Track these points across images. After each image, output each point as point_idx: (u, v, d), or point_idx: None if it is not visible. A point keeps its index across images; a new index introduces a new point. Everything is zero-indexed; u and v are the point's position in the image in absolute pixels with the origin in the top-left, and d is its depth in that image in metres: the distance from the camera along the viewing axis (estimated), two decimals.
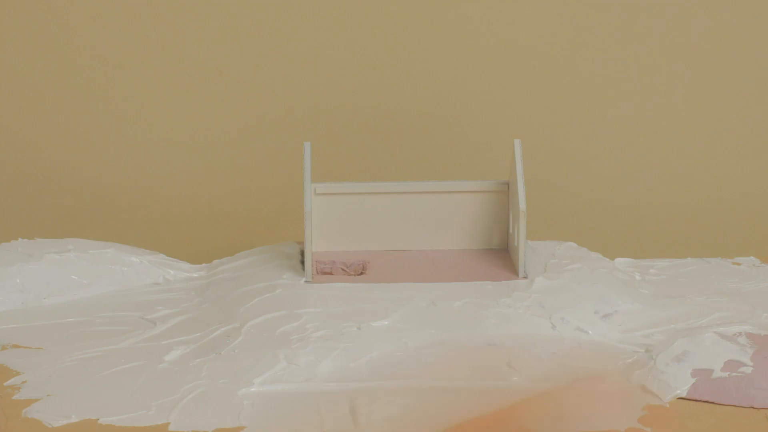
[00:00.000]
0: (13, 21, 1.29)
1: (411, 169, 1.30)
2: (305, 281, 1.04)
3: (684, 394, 0.88)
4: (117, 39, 1.29)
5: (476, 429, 0.84)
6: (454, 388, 0.89)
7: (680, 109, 1.32)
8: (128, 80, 1.30)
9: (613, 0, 1.29)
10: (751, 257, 1.16)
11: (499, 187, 1.11)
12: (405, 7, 1.28)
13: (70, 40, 1.29)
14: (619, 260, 1.14)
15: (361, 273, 1.08)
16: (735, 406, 0.87)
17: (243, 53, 1.29)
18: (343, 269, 1.09)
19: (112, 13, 1.28)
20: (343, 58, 1.29)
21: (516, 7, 1.29)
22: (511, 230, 1.09)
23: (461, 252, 1.11)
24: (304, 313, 0.98)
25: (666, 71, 1.31)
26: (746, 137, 1.33)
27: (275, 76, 1.30)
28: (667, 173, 1.34)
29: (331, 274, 1.08)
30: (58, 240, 1.11)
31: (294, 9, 1.28)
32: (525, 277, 1.05)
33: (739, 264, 1.14)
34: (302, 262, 1.08)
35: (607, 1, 1.29)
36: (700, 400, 0.87)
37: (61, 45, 1.29)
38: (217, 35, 1.29)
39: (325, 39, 1.29)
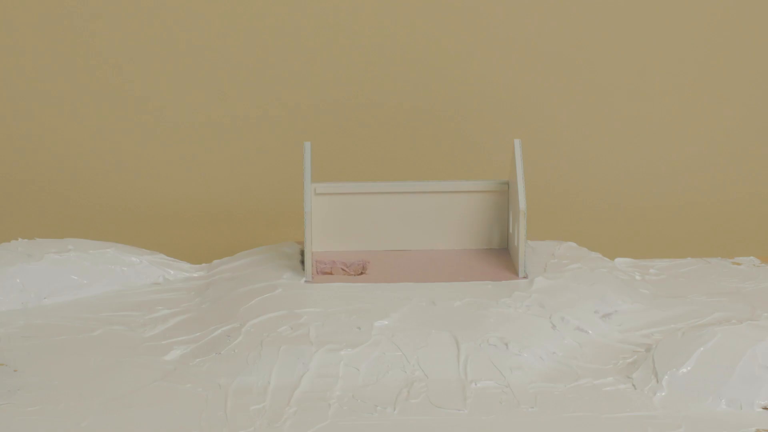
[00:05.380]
0: (11, 19, 1.29)
1: (411, 169, 1.30)
2: (305, 281, 1.04)
3: None
4: (117, 38, 1.29)
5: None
6: (454, 389, 0.89)
7: (680, 109, 1.32)
8: (128, 80, 1.30)
9: (613, 0, 1.29)
10: (751, 257, 1.16)
11: (499, 187, 1.11)
12: (406, 7, 1.28)
13: (70, 39, 1.29)
14: (619, 260, 1.14)
15: (361, 273, 1.08)
16: None
17: (243, 52, 1.29)
18: (343, 269, 1.09)
19: (113, 12, 1.28)
20: (343, 57, 1.29)
21: (516, 7, 1.29)
22: (511, 230, 1.09)
23: (461, 252, 1.11)
24: (304, 313, 0.98)
25: (666, 71, 1.31)
26: (746, 137, 1.33)
27: (275, 76, 1.30)
28: (668, 173, 1.33)
29: (331, 274, 1.08)
30: (58, 240, 1.11)
31: (294, 8, 1.28)
32: (525, 277, 1.05)
33: (739, 264, 1.14)
34: (302, 262, 1.08)
35: (608, 2, 1.29)
36: None
37: (61, 45, 1.29)
38: (217, 35, 1.29)
39: (326, 38, 1.29)
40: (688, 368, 0.89)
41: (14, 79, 1.30)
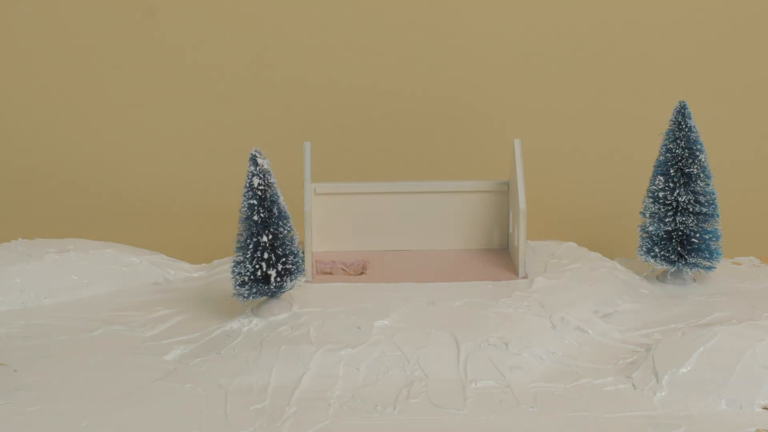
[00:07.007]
0: (11, 19, 1.29)
1: (411, 169, 1.30)
2: (305, 281, 1.05)
3: None
4: (117, 39, 1.29)
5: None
6: (454, 388, 0.89)
7: None
8: (128, 80, 1.30)
9: (613, 0, 1.29)
10: (751, 257, 1.16)
11: (499, 187, 1.11)
12: (406, 7, 1.28)
13: (70, 38, 1.29)
14: (619, 260, 1.14)
15: (361, 273, 1.08)
16: None
17: (243, 52, 1.29)
18: (343, 269, 1.09)
19: (113, 11, 1.28)
20: (343, 57, 1.29)
21: (516, 7, 1.29)
22: (511, 230, 1.09)
23: (461, 252, 1.11)
24: (304, 313, 0.98)
25: (665, 70, 1.31)
26: (746, 136, 1.33)
27: (275, 76, 1.30)
28: None
29: (331, 274, 1.08)
30: (58, 240, 1.11)
31: (294, 8, 1.28)
32: (525, 277, 1.05)
33: (739, 264, 1.14)
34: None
35: (608, 1, 1.29)
36: None
37: (60, 45, 1.29)
38: (216, 34, 1.29)
39: (325, 38, 1.29)
40: (688, 368, 0.89)
41: (14, 80, 1.30)
